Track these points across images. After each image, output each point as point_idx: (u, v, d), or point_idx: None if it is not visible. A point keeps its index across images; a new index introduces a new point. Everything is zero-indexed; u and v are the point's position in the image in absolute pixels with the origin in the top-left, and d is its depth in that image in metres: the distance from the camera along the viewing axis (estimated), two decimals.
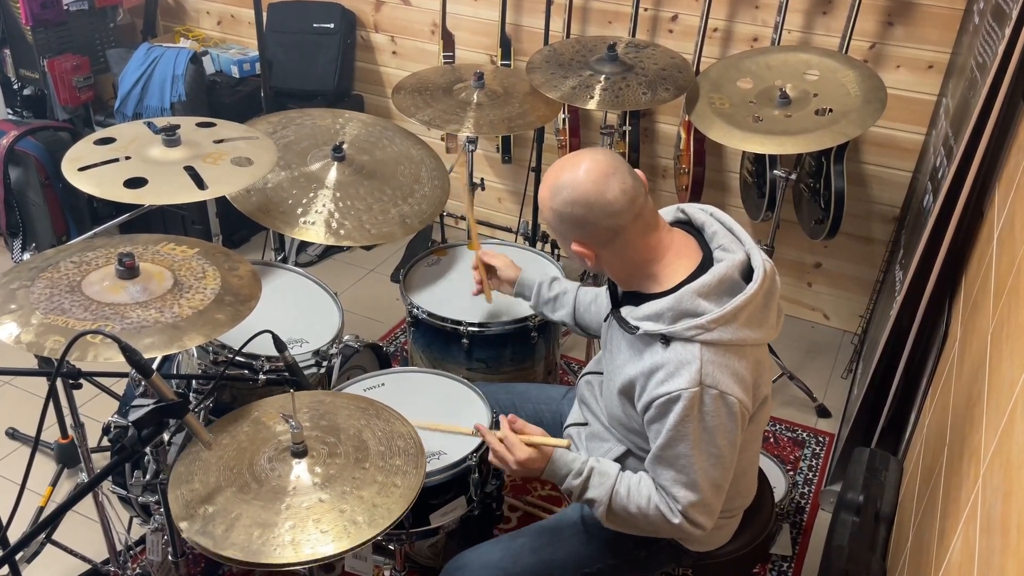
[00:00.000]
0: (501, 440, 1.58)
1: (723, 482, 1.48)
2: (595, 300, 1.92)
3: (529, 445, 1.56)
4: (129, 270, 1.58)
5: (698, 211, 1.57)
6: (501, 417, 1.62)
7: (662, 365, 1.41)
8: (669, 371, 1.40)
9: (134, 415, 1.36)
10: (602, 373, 1.72)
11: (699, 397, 1.39)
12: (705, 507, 1.47)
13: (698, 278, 1.43)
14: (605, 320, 1.66)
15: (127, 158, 1.88)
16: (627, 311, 1.50)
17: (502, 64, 3.35)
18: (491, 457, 1.60)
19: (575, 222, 1.45)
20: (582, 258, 1.49)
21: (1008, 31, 1.92)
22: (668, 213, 1.59)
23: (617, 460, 1.64)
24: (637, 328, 1.45)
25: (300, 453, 1.49)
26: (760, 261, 1.46)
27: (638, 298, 1.51)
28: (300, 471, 1.48)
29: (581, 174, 1.42)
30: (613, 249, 1.47)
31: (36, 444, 1.52)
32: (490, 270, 2.08)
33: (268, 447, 1.54)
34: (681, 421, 1.40)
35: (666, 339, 1.42)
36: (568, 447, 1.56)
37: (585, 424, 1.76)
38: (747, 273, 1.47)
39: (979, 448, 1.37)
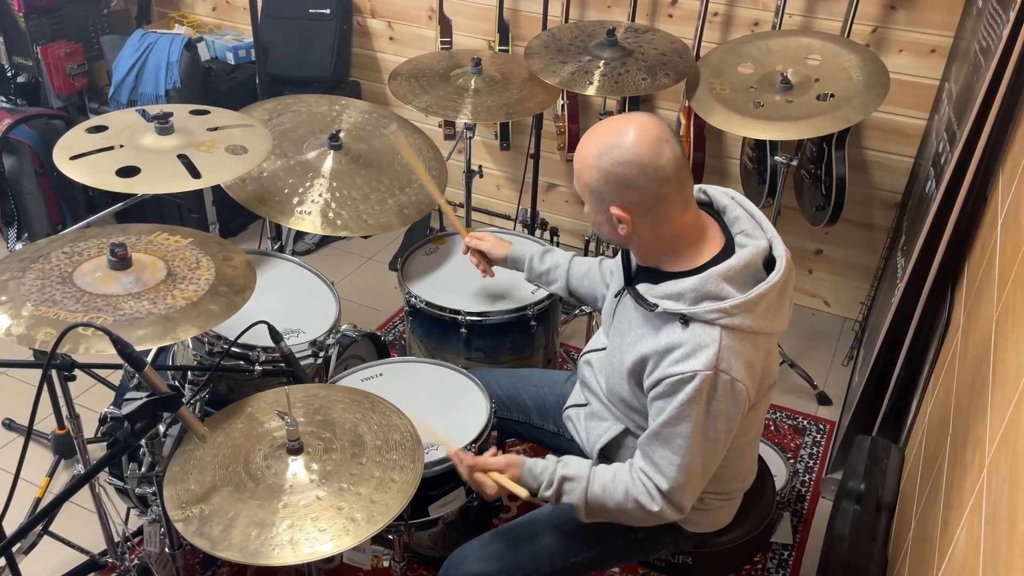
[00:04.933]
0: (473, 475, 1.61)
1: (713, 467, 1.49)
2: (587, 273, 1.91)
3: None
4: (121, 261, 1.56)
5: (721, 194, 1.56)
6: (466, 459, 1.62)
7: (679, 345, 1.40)
8: (686, 351, 1.40)
9: (127, 408, 1.35)
10: (602, 350, 1.70)
11: (712, 381, 1.38)
12: (692, 489, 1.48)
13: (722, 261, 1.42)
14: (616, 296, 1.65)
15: (120, 146, 1.85)
16: (644, 288, 1.48)
17: (500, 49, 3.31)
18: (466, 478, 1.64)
19: (622, 183, 1.41)
20: (615, 225, 1.45)
21: (1013, 15, 1.90)
22: None
23: (615, 439, 1.65)
24: (656, 305, 1.44)
25: (296, 450, 1.48)
26: (782, 251, 1.46)
27: (656, 275, 1.50)
28: (296, 468, 1.46)
29: (634, 135, 1.39)
30: (651, 218, 1.44)
31: (28, 436, 1.50)
32: (482, 253, 2.05)
33: (263, 444, 1.52)
34: (689, 401, 1.40)
35: (685, 319, 1.41)
36: (525, 497, 1.58)
37: (585, 405, 1.75)
38: (767, 261, 1.46)
39: (984, 437, 1.36)
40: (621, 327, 1.58)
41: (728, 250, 1.46)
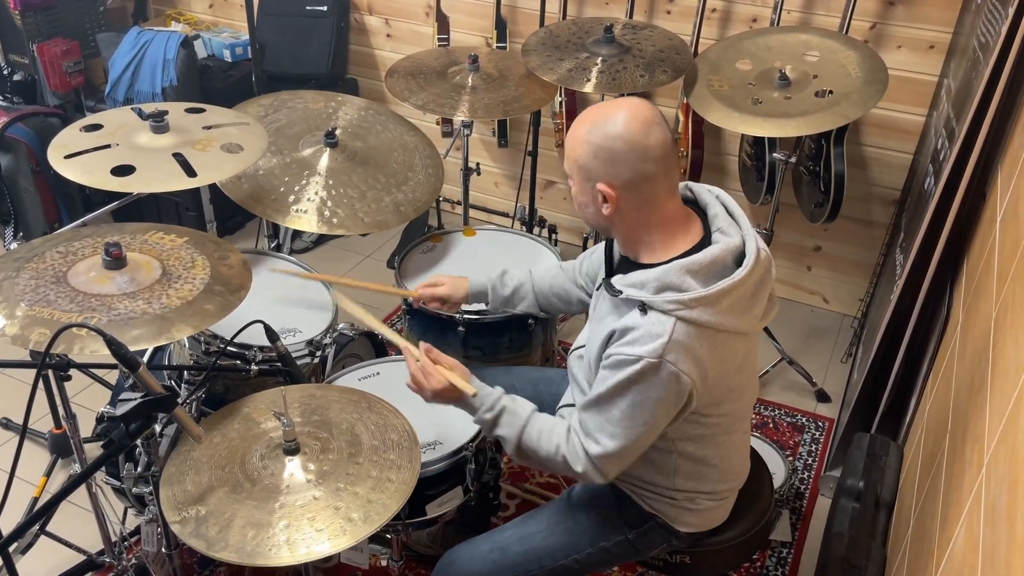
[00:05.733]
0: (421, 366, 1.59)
1: (644, 445, 1.50)
2: (553, 279, 1.92)
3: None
4: (116, 260, 1.55)
5: (704, 191, 1.56)
6: (421, 344, 1.62)
7: (634, 328, 1.42)
8: (636, 336, 1.41)
9: (122, 409, 1.34)
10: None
11: (655, 368, 1.39)
12: (618, 459, 1.50)
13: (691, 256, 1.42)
14: (597, 289, 1.65)
15: (116, 145, 1.84)
16: (617, 278, 1.50)
17: (497, 46, 3.30)
18: (408, 381, 1.61)
19: (611, 157, 1.42)
20: (600, 205, 1.46)
21: (1011, 11, 1.89)
22: None
23: None
24: (621, 292, 1.45)
25: (292, 450, 1.47)
26: (754, 248, 1.45)
27: (631, 267, 1.51)
28: (293, 468, 1.46)
29: (627, 114, 1.42)
30: (636, 198, 1.45)
31: (23, 436, 1.50)
32: (443, 300, 1.97)
33: (260, 444, 1.52)
34: (629, 381, 1.41)
35: (644, 307, 1.42)
36: (475, 395, 1.58)
37: (574, 405, 1.75)
38: (741, 259, 1.46)
39: (983, 435, 1.35)
40: (596, 317, 1.60)
41: (703, 246, 1.47)
